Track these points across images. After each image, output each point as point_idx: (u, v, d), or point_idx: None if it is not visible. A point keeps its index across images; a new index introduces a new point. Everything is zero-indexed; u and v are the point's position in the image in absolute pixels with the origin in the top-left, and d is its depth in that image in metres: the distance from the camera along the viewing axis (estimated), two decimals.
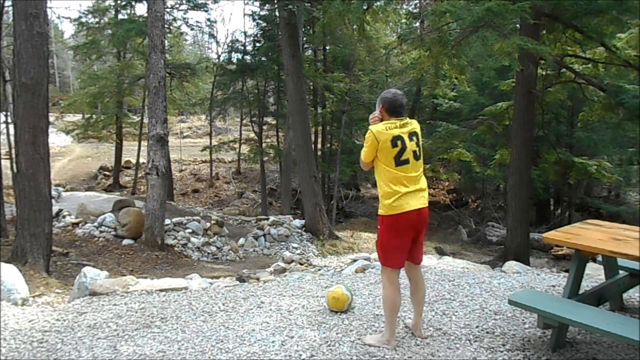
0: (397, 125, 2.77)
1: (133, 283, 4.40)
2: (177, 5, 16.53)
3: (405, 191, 2.75)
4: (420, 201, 2.81)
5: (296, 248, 10.26)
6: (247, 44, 19.15)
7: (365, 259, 6.04)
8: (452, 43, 7.77)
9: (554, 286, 4.12)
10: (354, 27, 10.35)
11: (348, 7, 7.85)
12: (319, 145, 19.85)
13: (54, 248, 6.60)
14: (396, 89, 2.95)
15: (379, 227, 2.89)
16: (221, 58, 22.26)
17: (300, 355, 2.85)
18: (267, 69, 17.16)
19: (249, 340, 3.08)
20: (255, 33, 18.36)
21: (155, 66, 8.51)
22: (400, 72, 19.32)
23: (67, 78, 39.52)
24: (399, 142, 2.73)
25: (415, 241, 2.90)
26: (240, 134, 21.67)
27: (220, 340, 3.10)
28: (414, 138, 2.81)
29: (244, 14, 38.54)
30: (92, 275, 4.44)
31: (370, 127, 2.81)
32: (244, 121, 21.75)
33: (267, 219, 11.12)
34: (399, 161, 2.74)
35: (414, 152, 2.79)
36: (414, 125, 2.85)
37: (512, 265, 4.98)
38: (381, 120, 2.85)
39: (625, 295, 3.56)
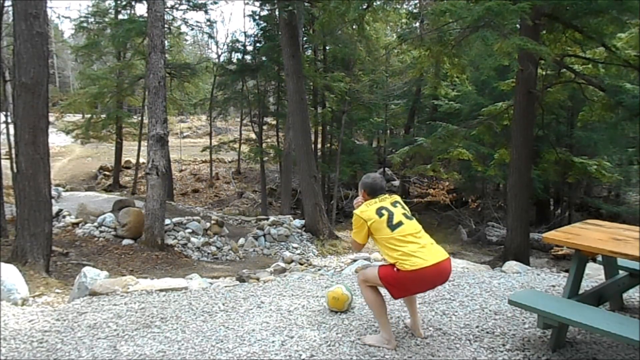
0: (377, 201, 2.86)
1: (133, 283, 4.40)
2: (177, 6, 16.55)
3: (415, 243, 2.69)
4: (436, 255, 2.69)
5: (296, 248, 10.26)
6: (247, 44, 19.20)
7: (365, 259, 6.05)
8: (452, 43, 7.76)
9: (554, 286, 4.12)
10: (354, 27, 10.36)
11: (347, 6, 7.85)
12: (319, 145, 19.85)
13: (54, 248, 6.60)
14: (375, 174, 3.07)
15: (389, 269, 2.73)
16: (221, 58, 22.29)
17: (300, 355, 2.85)
18: (267, 69, 17.16)
19: (249, 340, 3.08)
20: (255, 33, 18.38)
21: (155, 66, 8.51)
22: (400, 72, 19.35)
23: (67, 78, 39.53)
24: (383, 211, 2.80)
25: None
26: (240, 134, 21.67)
27: (220, 340, 3.10)
28: (398, 205, 2.88)
29: (244, 14, 38.63)
30: (92, 275, 4.44)
31: (354, 211, 2.91)
32: (244, 121, 21.76)
33: (267, 219, 11.12)
34: (393, 225, 2.76)
35: (404, 214, 2.84)
36: (394, 197, 2.95)
37: (512, 265, 4.98)
38: None
39: (625, 295, 3.56)
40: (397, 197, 2.95)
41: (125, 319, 3.56)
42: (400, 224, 2.76)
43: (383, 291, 2.88)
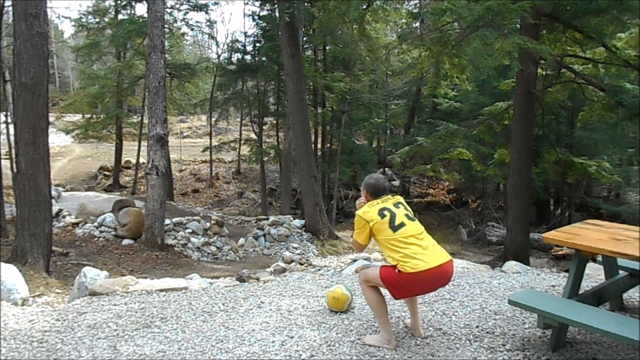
0: (379, 202, 2.85)
1: (133, 283, 4.40)
2: (178, 6, 16.55)
3: (417, 245, 2.67)
4: (438, 257, 2.67)
5: (296, 248, 10.26)
6: (247, 44, 19.19)
7: (365, 259, 6.04)
8: (452, 42, 7.77)
9: (554, 286, 4.12)
10: (354, 26, 10.36)
11: (347, 6, 7.85)
12: (319, 145, 19.85)
13: (54, 248, 6.60)
14: (378, 174, 3.06)
15: (390, 270, 2.72)
16: (221, 58, 22.28)
17: (300, 355, 2.85)
18: (267, 69, 17.16)
19: (249, 340, 3.08)
20: (255, 33, 18.38)
21: (155, 66, 8.50)
22: (400, 72, 19.35)
23: (67, 78, 39.54)
24: (385, 212, 2.78)
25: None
26: (240, 134, 21.68)
27: (220, 340, 3.10)
28: (400, 206, 2.86)
29: (244, 14, 38.56)
30: (92, 275, 4.44)
31: (356, 212, 2.90)
32: (244, 121, 21.76)
33: (267, 219, 11.11)
34: (395, 226, 2.74)
35: (406, 215, 2.82)
36: (397, 197, 2.94)
37: (512, 265, 4.98)
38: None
39: (625, 295, 3.56)
40: (399, 198, 2.94)
41: (125, 319, 3.56)
42: (402, 225, 2.74)
43: (384, 291, 2.88)
